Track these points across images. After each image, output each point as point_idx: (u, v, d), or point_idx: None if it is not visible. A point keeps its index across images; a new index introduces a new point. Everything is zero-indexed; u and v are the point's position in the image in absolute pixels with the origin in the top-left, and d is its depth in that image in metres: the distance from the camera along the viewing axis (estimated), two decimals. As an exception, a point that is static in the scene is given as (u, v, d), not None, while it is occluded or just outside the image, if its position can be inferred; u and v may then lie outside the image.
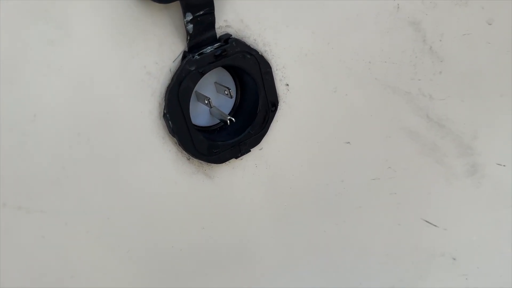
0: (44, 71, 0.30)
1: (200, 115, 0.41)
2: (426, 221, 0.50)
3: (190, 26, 0.34)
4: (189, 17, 0.33)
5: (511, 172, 0.48)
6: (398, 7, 0.40)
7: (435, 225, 0.50)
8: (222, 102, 0.42)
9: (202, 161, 0.40)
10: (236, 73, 0.41)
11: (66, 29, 0.31)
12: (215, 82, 0.41)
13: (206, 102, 0.39)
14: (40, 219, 0.32)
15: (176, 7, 0.34)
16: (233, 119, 0.40)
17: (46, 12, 0.30)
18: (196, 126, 0.40)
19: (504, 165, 0.47)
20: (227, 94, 0.40)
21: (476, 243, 0.52)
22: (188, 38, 0.35)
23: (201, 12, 0.34)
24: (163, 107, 0.36)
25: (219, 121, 0.42)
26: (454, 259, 0.53)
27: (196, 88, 0.39)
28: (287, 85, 0.41)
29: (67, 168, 0.33)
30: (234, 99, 0.42)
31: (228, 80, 0.41)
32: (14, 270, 0.32)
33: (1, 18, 0.28)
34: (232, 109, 0.42)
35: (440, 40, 0.41)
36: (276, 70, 0.40)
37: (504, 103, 0.44)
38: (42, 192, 0.32)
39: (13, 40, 0.29)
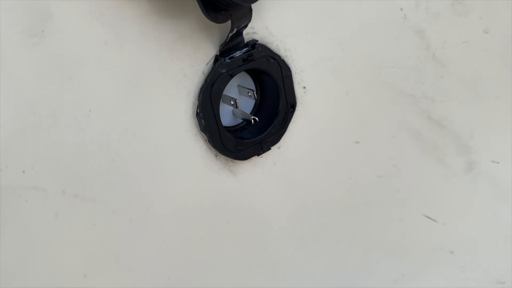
0: (98, 70, 0.33)
1: (224, 116, 0.44)
2: (427, 216, 0.54)
3: (230, 35, 0.38)
4: (234, 30, 0.37)
5: (504, 168, 0.52)
6: (405, 17, 0.44)
7: (435, 220, 0.54)
8: (243, 104, 0.45)
9: (227, 158, 0.43)
10: (257, 76, 0.44)
11: (117, 32, 0.34)
12: (238, 85, 0.44)
13: (232, 103, 0.42)
14: (92, 207, 0.35)
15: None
16: (257, 118, 0.44)
17: (102, 16, 0.33)
18: (222, 126, 0.44)
19: (498, 162, 0.52)
20: (250, 95, 0.44)
21: (472, 237, 0.56)
22: (223, 44, 0.39)
23: (242, 25, 0.37)
24: (196, 106, 0.40)
25: (241, 121, 0.45)
26: (452, 252, 0.56)
27: (222, 90, 0.43)
28: (304, 87, 0.45)
29: (115, 160, 0.35)
30: (255, 100, 0.45)
31: (250, 83, 0.45)
32: (67, 252, 0.35)
33: (66, 19, 0.31)
34: (253, 110, 0.45)
35: (442, 48, 0.46)
36: (295, 74, 0.44)
37: (498, 104, 0.49)
38: (94, 182, 0.35)
39: (74, 41, 0.32)
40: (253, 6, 0.37)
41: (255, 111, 0.45)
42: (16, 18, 0.30)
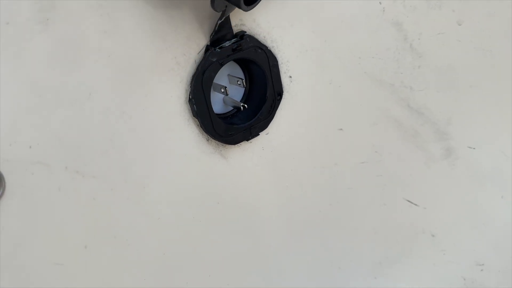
0: (98, 57, 0.36)
1: (215, 104, 0.47)
2: (408, 200, 0.57)
3: (219, 22, 0.41)
4: (223, 18, 0.40)
5: (481, 154, 0.55)
6: (384, 10, 0.47)
7: (416, 204, 0.57)
8: (233, 92, 0.48)
9: (218, 142, 0.46)
10: (246, 65, 0.47)
11: (115, 22, 0.37)
12: (228, 74, 0.47)
13: (223, 90, 0.45)
14: (92, 183, 0.38)
15: (204, 8, 0.40)
16: (246, 105, 0.47)
17: (100, 7, 0.36)
18: (213, 112, 0.47)
19: (474, 148, 0.55)
20: (239, 84, 0.47)
21: (452, 220, 0.59)
22: (213, 34, 0.42)
23: (228, 14, 0.41)
24: (189, 92, 0.43)
25: (231, 109, 0.48)
26: (433, 235, 0.60)
27: (213, 79, 0.46)
28: (290, 77, 0.48)
29: (113, 140, 0.38)
30: (244, 88, 0.48)
31: (239, 72, 0.48)
32: (69, 223, 0.38)
33: (68, 9, 0.34)
34: (243, 98, 0.48)
35: (419, 39, 0.49)
36: (282, 63, 0.47)
37: (473, 93, 0.52)
38: (94, 160, 0.38)
39: (75, 29, 0.35)
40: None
41: (245, 99, 0.48)
42: (23, 6, 0.33)
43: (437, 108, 0.52)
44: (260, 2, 0.39)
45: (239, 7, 0.37)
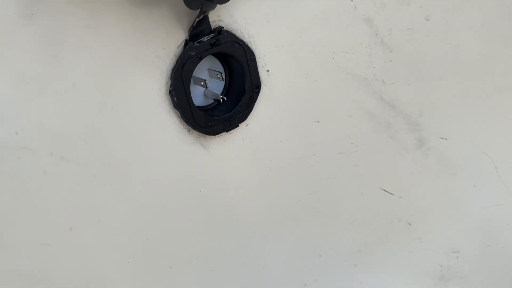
0: (80, 49, 0.39)
1: (196, 97, 0.49)
2: (384, 190, 0.60)
3: (197, 20, 0.43)
4: (201, 16, 0.42)
5: (452, 144, 0.58)
6: (355, 7, 0.50)
7: (391, 194, 0.60)
8: (213, 86, 0.50)
9: (199, 133, 0.48)
10: (225, 60, 0.50)
11: (96, 17, 0.39)
12: (208, 68, 0.50)
13: (203, 83, 0.48)
14: (76, 169, 0.40)
15: (182, 4, 0.43)
16: (225, 98, 0.49)
17: (83, 2, 0.38)
18: (194, 105, 0.49)
19: (446, 139, 0.57)
20: (219, 77, 0.49)
21: (427, 209, 0.61)
22: (191, 29, 0.44)
23: (207, 12, 0.43)
24: (169, 85, 0.45)
25: (212, 101, 0.51)
26: (410, 224, 0.62)
27: (193, 72, 0.48)
28: (268, 71, 0.50)
29: (96, 129, 0.41)
30: (224, 82, 0.51)
31: (218, 66, 0.50)
32: (54, 206, 0.40)
33: (51, 4, 0.37)
34: (223, 91, 0.51)
35: (389, 34, 0.51)
36: (259, 58, 0.49)
37: (443, 85, 0.55)
38: (77, 147, 0.40)
39: (58, 23, 0.37)
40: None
41: (225, 92, 0.51)
42: (9, 1, 0.35)
43: (408, 100, 0.55)
44: (236, -1, 0.41)
45: (211, 1, 0.39)
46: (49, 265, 0.40)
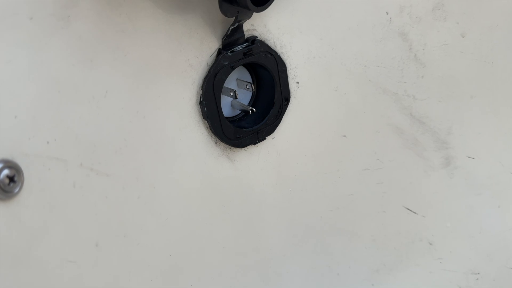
0: (115, 55, 0.37)
1: (224, 107, 0.48)
2: (407, 208, 0.58)
3: (231, 28, 0.41)
4: (236, 24, 0.41)
5: (479, 164, 0.57)
6: (390, 20, 0.48)
7: (415, 212, 0.58)
8: (241, 96, 0.49)
9: (226, 146, 0.47)
10: (254, 70, 0.48)
11: (133, 23, 0.38)
12: (237, 79, 0.48)
13: (232, 94, 0.46)
14: (105, 181, 0.38)
15: (217, 12, 0.41)
16: (254, 109, 0.48)
17: (120, 6, 0.37)
18: (222, 116, 0.47)
19: (473, 158, 0.56)
20: (248, 88, 0.47)
21: (449, 229, 0.60)
22: (225, 37, 0.42)
23: (242, 21, 0.41)
24: (200, 95, 0.43)
25: (238, 112, 0.49)
26: (431, 244, 0.61)
27: (224, 83, 0.46)
28: (298, 82, 0.48)
29: (127, 140, 0.39)
30: (252, 93, 0.49)
31: (247, 77, 0.48)
32: (82, 220, 0.38)
33: (89, 7, 0.35)
34: (250, 102, 0.49)
35: (423, 49, 0.50)
36: (290, 69, 0.47)
37: (474, 103, 0.53)
38: (108, 159, 0.38)
39: (95, 27, 0.36)
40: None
41: (252, 103, 0.49)
42: (48, 2, 0.33)
43: (438, 117, 0.54)
44: (271, 7, 0.40)
45: (247, 8, 0.37)
46: (74, 285, 0.38)
